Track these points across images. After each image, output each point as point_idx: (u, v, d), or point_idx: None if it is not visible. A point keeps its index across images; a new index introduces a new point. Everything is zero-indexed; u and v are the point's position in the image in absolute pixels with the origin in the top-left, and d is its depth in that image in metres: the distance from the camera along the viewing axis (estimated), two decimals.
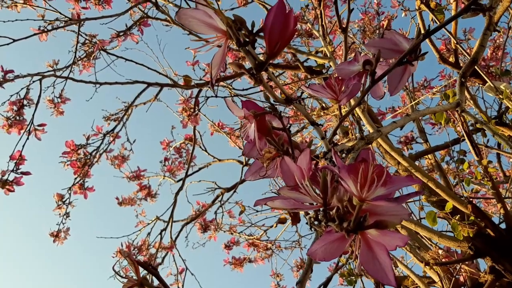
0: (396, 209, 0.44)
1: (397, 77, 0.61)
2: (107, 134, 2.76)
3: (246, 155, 0.62)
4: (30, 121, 2.50)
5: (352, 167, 0.42)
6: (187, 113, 2.62)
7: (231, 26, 0.39)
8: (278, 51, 0.44)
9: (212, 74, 0.45)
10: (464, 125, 1.64)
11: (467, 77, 1.12)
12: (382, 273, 0.43)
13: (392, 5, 3.00)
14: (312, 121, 0.59)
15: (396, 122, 0.82)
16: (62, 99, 2.79)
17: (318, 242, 0.46)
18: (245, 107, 0.57)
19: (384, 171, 0.42)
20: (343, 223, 0.42)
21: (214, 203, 3.27)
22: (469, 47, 3.03)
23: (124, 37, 2.74)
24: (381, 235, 0.44)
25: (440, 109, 1.11)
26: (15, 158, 2.37)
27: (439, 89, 3.09)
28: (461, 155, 2.01)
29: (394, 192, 0.43)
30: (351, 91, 0.62)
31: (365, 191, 0.41)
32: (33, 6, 2.68)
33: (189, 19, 0.44)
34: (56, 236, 2.84)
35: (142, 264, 0.47)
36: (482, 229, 1.59)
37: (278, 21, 0.43)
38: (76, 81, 2.62)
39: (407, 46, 0.60)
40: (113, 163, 3.45)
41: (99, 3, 2.74)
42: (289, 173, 0.50)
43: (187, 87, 2.62)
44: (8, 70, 2.47)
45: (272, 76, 0.48)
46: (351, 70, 0.64)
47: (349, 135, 2.73)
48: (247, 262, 3.62)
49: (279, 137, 0.58)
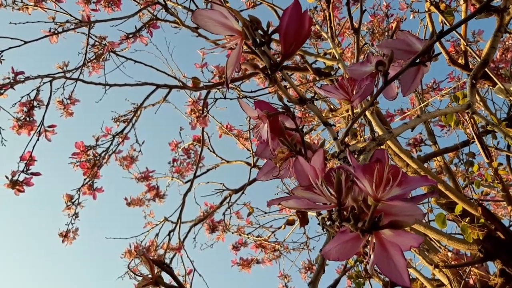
0: (411, 209, 0.44)
1: (410, 78, 0.61)
2: (116, 135, 2.78)
3: (259, 155, 0.62)
4: (40, 122, 2.52)
5: (368, 167, 0.42)
6: (196, 114, 2.63)
7: (247, 26, 0.40)
8: (293, 52, 0.45)
9: (227, 74, 0.46)
10: (474, 127, 1.63)
11: (478, 79, 1.12)
12: (396, 274, 0.43)
13: (401, 7, 2.99)
14: (324, 122, 0.59)
15: (407, 123, 0.82)
16: (71, 101, 2.81)
17: (332, 242, 0.46)
18: (258, 107, 0.58)
19: (399, 171, 0.42)
20: (358, 223, 0.42)
21: (222, 205, 3.28)
22: (478, 49, 3.01)
23: (133, 39, 2.76)
24: (396, 235, 0.44)
25: (451, 111, 1.10)
26: (25, 159, 2.39)
27: (448, 91, 3.07)
28: (470, 157, 2.00)
29: (409, 192, 0.43)
30: (364, 91, 0.62)
31: (380, 191, 0.41)
32: (43, 9, 2.70)
33: (205, 20, 0.44)
34: (65, 236, 2.86)
35: (157, 263, 0.47)
36: (492, 232, 1.58)
37: (293, 22, 0.43)
38: (86, 83, 2.64)
39: (420, 47, 0.60)
40: (122, 164, 3.47)
41: (108, 5, 2.76)
42: (303, 173, 0.51)
43: (195, 89, 2.63)
44: (18, 71, 2.49)
45: (287, 76, 0.48)
46: (364, 71, 0.64)
47: (358, 137, 2.73)
48: (254, 263, 3.62)
49: (292, 137, 0.58)
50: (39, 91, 2.59)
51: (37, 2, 2.69)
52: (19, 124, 2.55)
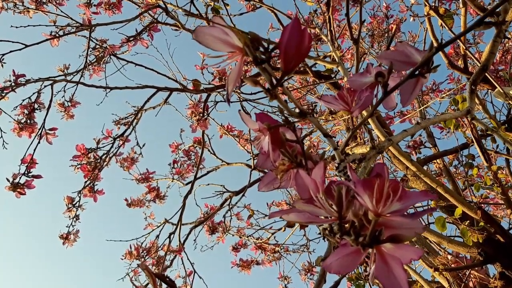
0: (411, 223, 0.45)
1: (409, 89, 0.62)
2: (117, 138, 2.78)
3: (260, 166, 0.62)
4: (41, 125, 2.53)
5: (368, 182, 0.43)
6: (196, 117, 2.64)
7: (248, 45, 0.40)
8: (294, 68, 0.45)
9: (228, 90, 0.46)
10: (474, 131, 1.63)
11: (477, 85, 1.12)
12: (397, 287, 0.44)
13: (401, 10, 3.00)
14: (325, 133, 0.60)
15: (407, 130, 0.82)
16: (72, 103, 2.81)
17: (333, 255, 0.47)
18: (259, 119, 0.58)
19: (399, 186, 0.42)
20: (359, 238, 0.43)
21: (222, 207, 3.28)
22: (478, 50, 3.02)
23: (134, 42, 2.76)
24: (396, 249, 0.44)
25: (451, 117, 1.11)
26: (26, 161, 2.40)
27: (447, 93, 3.08)
28: (469, 159, 2.00)
29: (409, 206, 0.43)
30: (364, 102, 0.62)
31: (380, 206, 0.42)
32: (44, 12, 2.71)
33: (206, 36, 0.45)
34: (66, 238, 2.86)
35: (160, 276, 0.48)
36: (491, 235, 1.59)
37: (293, 39, 0.44)
38: (86, 86, 2.65)
39: (419, 58, 0.61)
40: (123, 165, 3.47)
41: (109, 8, 2.77)
42: (304, 186, 0.51)
43: (196, 92, 2.64)
44: (19, 74, 2.50)
45: (287, 91, 0.49)
46: (364, 82, 0.65)
47: (358, 139, 2.73)
48: (254, 264, 3.62)
49: (292, 149, 0.59)
50: (40, 94, 2.60)
51: (38, 5, 2.69)
52: (20, 126, 2.56)
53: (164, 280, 0.46)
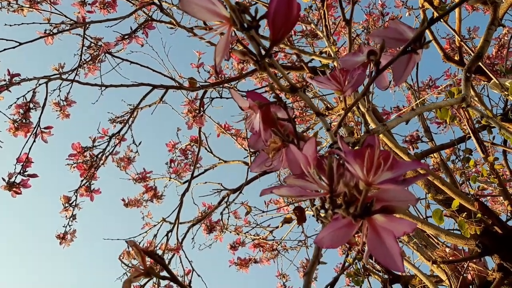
0: (403, 194, 0.44)
1: (402, 66, 0.61)
2: (113, 136, 2.77)
3: (252, 146, 0.62)
4: (36, 124, 2.52)
5: (358, 152, 0.42)
6: (192, 114, 2.63)
7: (234, 10, 0.39)
8: (282, 37, 0.44)
9: (216, 61, 0.45)
10: (470, 122, 1.63)
11: (472, 72, 1.12)
12: (390, 259, 0.43)
13: (396, 5, 3.00)
14: (317, 112, 0.59)
15: (401, 116, 0.82)
16: (68, 102, 2.80)
17: (325, 230, 0.46)
18: (250, 98, 0.57)
19: (390, 155, 0.42)
20: (349, 208, 0.42)
21: (220, 205, 3.27)
22: (474, 45, 3.02)
23: (129, 40, 2.75)
24: (388, 221, 0.43)
25: (446, 104, 1.10)
26: (22, 160, 2.38)
27: (444, 88, 3.08)
28: (466, 153, 2.00)
29: (400, 176, 0.43)
30: (356, 81, 0.62)
31: (371, 175, 0.41)
32: (39, 10, 2.70)
33: (192, 6, 0.44)
34: (63, 238, 2.84)
35: (149, 253, 0.47)
36: (489, 227, 1.58)
37: (281, 7, 0.43)
38: (81, 84, 2.63)
39: (411, 35, 0.60)
40: (119, 165, 3.46)
41: (104, 7, 2.76)
42: (295, 162, 0.50)
43: (192, 89, 2.63)
44: (14, 73, 2.49)
45: (277, 64, 0.48)
46: (356, 61, 0.64)
47: (355, 135, 2.72)
48: (252, 263, 3.61)
49: (284, 128, 0.58)
50: (35, 92, 2.58)
51: (32, 3, 2.68)
52: (15, 126, 2.54)
53: (152, 257, 0.45)
